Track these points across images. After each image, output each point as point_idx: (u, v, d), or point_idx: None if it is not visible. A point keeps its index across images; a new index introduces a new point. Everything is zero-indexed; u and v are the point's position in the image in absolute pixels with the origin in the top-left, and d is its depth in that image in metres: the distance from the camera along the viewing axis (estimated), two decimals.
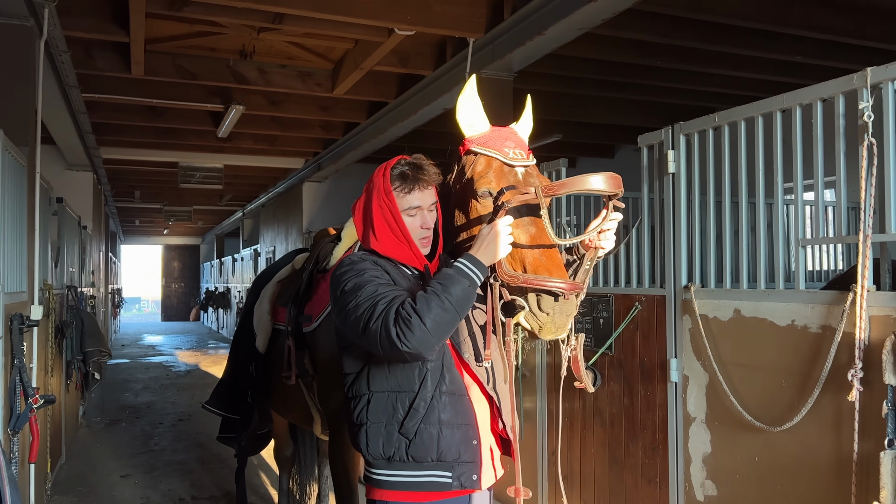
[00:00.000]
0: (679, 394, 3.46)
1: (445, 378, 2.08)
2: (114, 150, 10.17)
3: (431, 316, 1.85)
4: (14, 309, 3.83)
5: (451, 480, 2.07)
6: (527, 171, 2.19)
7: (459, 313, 1.91)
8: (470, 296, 1.93)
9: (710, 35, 5.74)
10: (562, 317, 1.98)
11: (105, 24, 5.48)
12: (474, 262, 1.95)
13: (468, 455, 2.09)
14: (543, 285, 1.97)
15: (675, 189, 3.54)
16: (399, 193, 2.12)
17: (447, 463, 2.06)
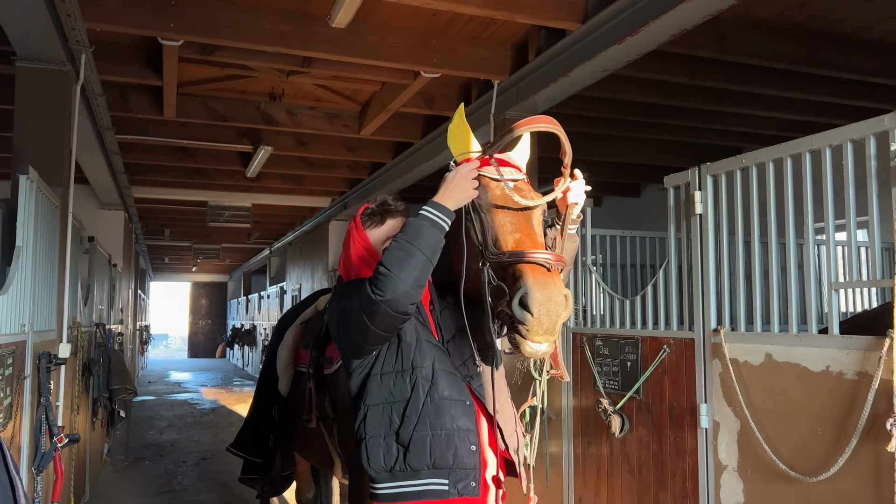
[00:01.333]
0: (710, 440, 3.37)
1: (438, 384, 2.12)
2: (145, 190, 10.38)
3: (395, 262, 1.92)
4: (42, 347, 3.87)
5: (447, 488, 2.06)
6: (516, 184, 2.24)
7: (425, 253, 1.95)
8: (431, 236, 1.97)
9: (735, 75, 5.73)
10: (549, 318, 1.90)
11: (139, 69, 5.64)
12: (435, 206, 2.03)
13: (467, 461, 2.09)
14: (529, 258, 1.99)
15: (702, 230, 3.49)
16: (371, 229, 2.32)
17: (443, 470, 2.06)
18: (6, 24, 4.05)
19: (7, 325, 3.07)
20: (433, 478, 2.07)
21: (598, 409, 4.07)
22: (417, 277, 1.94)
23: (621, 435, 3.94)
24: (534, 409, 4.78)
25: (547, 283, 1.94)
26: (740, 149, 8.49)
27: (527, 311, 1.90)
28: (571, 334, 4.52)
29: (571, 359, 4.51)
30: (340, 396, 2.99)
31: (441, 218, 2.02)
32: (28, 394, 3.53)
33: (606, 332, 4.20)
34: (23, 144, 4.43)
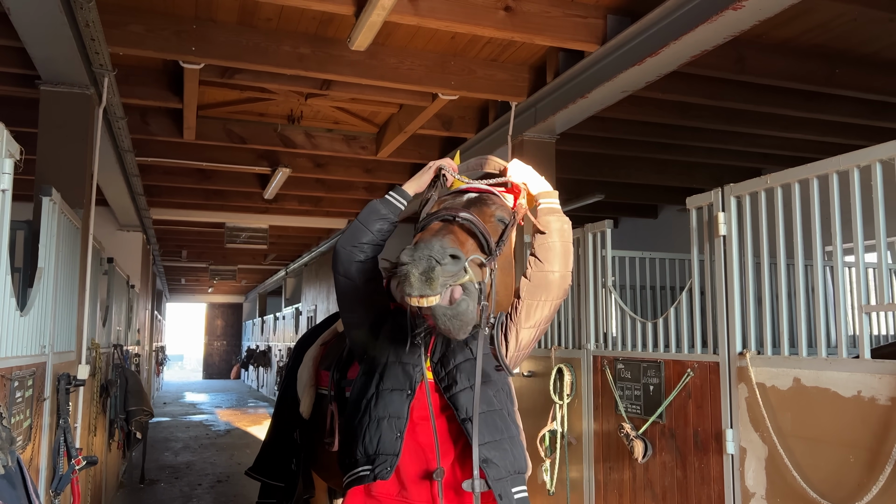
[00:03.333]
0: (736, 467, 3.29)
1: (385, 375, 2.22)
2: (163, 211, 10.45)
3: (343, 236, 2.32)
4: (62, 368, 3.87)
5: (368, 472, 2.14)
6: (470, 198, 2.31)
7: (361, 219, 2.29)
8: (375, 208, 2.30)
9: (755, 96, 5.69)
10: (417, 265, 1.86)
11: (160, 92, 5.70)
12: (397, 188, 2.37)
13: (388, 447, 2.13)
14: (424, 222, 2.18)
15: (726, 251, 3.44)
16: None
17: (370, 456, 2.15)
18: (31, 48, 4.11)
19: (28, 346, 3.07)
20: (364, 464, 2.16)
21: (620, 433, 4.00)
22: (352, 242, 2.28)
23: (644, 460, 3.86)
24: (554, 433, 4.72)
25: (425, 237, 1.97)
26: (759, 170, 8.43)
27: (400, 265, 1.92)
28: (592, 357, 4.46)
29: (592, 382, 4.45)
30: None
31: (396, 198, 2.33)
32: (47, 415, 3.52)
33: (628, 354, 4.14)
34: (45, 167, 4.48)
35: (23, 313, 2.96)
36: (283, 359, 17.01)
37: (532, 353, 5.16)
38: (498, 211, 2.27)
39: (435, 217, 2.17)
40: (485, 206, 2.26)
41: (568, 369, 4.64)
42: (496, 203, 2.30)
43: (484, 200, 2.28)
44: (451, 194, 2.36)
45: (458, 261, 1.91)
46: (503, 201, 2.33)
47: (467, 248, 2.07)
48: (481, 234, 2.13)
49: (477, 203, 2.27)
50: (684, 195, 3.74)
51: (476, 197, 2.30)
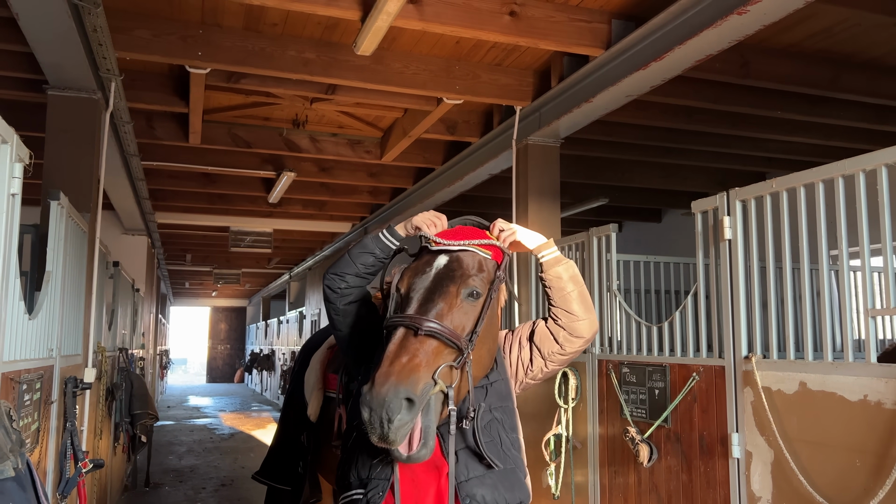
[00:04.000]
0: (742, 471, 3.29)
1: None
2: (168, 216, 10.49)
3: (333, 267, 2.39)
4: (68, 372, 3.89)
5: (362, 496, 2.16)
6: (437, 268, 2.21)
7: (352, 257, 2.35)
8: (365, 244, 2.36)
9: (760, 100, 5.70)
10: (379, 426, 1.88)
11: (166, 96, 5.73)
12: (390, 227, 2.38)
13: (382, 473, 2.14)
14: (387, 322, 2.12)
15: (731, 255, 3.44)
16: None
17: (363, 480, 2.18)
18: (39, 53, 4.14)
19: (36, 349, 3.09)
20: (358, 487, 2.20)
21: (625, 437, 4.00)
22: (336, 271, 2.37)
23: (649, 464, 3.86)
24: (559, 437, 4.72)
25: (379, 379, 1.89)
26: (763, 174, 8.44)
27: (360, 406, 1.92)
28: (597, 361, 4.46)
29: (597, 386, 4.45)
30: None
31: (387, 237, 2.36)
32: (54, 418, 3.54)
33: (633, 358, 4.14)
34: (53, 171, 4.50)
35: (31, 316, 2.97)
36: (286, 362, 17.02)
37: None
38: (471, 281, 2.15)
39: (397, 322, 2.06)
40: (453, 283, 2.14)
41: (573, 373, 4.64)
42: (469, 273, 2.17)
43: (453, 275, 2.16)
44: (425, 258, 2.25)
45: (413, 406, 1.89)
46: (480, 263, 2.21)
47: (432, 364, 1.98)
48: (448, 340, 2.03)
49: (445, 281, 2.15)
50: (688, 199, 3.73)
51: (444, 270, 2.18)
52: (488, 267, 2.22)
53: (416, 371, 1.92)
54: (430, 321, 2.01)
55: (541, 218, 5.63)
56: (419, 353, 1.96)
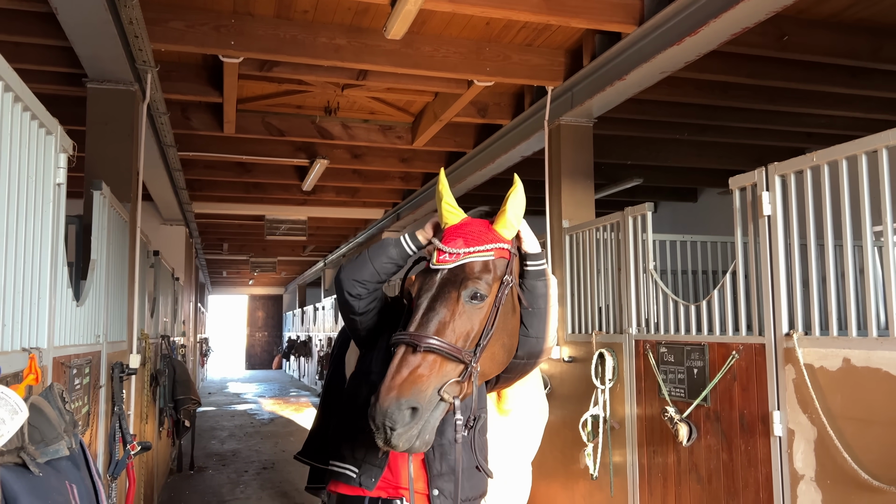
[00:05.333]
0: (784, 449, 3.25)
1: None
2: (205, 205, 10.66)
3: (352, 263, 2.36)
4: (115, 358, 4.00)
5: (355, 475, 2.34)
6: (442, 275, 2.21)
7: (373, 264, 2.32)
8: (386, 244, 2.35)
9: (797, 73, 5.57)
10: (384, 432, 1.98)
11: (200, 87, 5.81)
12: (412, 233, 2.37)
13: (375, 460, 2.32)
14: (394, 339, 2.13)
15: (771, 232, 3.38)
16: None
17: (357, 459, 2.35)
18: (78, 47, 4.23)
19: (84, 335, 3.18)
20: (350, 463, 2.37)
21: (663, 417, 3.98)
22: (355, 277, 2.33)
23: (689, 444, 3.84)
24: (596, 417, 4.71)
25: (382, 392, 1.97)
26: (802, 149, 8.19)
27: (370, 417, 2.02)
28: (634, 341, 4.44)
29: (634, 366, 4.43)
30: None
31: (407, 241, 2.35)
32: (102, 402, 3.65)
33: (671, 338, 4.11)
34: (93, 163, 4.61)
35: (79, 304, 3.06)
36: (323, 348, 17.23)
37: (573, 338, 5.16)
38: (474, 284, 2.15)
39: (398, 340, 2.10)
40: (455, 288, 2.15)
41: (610, 354, 4.63)
42: (472, 276, 2.17)
43: (456, 279, 2.16)
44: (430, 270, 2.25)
45: (416, 414, 1.98)
46: (486, 263, 2.20)
47: (435, 376, 2.04)
48: (449, 354, 2.07)
49: (448, 286, 2.16)
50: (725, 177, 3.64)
51: (448, 275, 2.18)
52: (495, 266, 2.21)
53: (417, 383, 1.99)
54: (430, 339, 2.05)
55: (574, 199, 5.60)
56: (420, 367, 2.03)
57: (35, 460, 1.82)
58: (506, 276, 2.22)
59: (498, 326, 2.19)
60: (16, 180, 2.12)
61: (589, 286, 5.06)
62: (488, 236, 2.24)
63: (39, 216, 2.38)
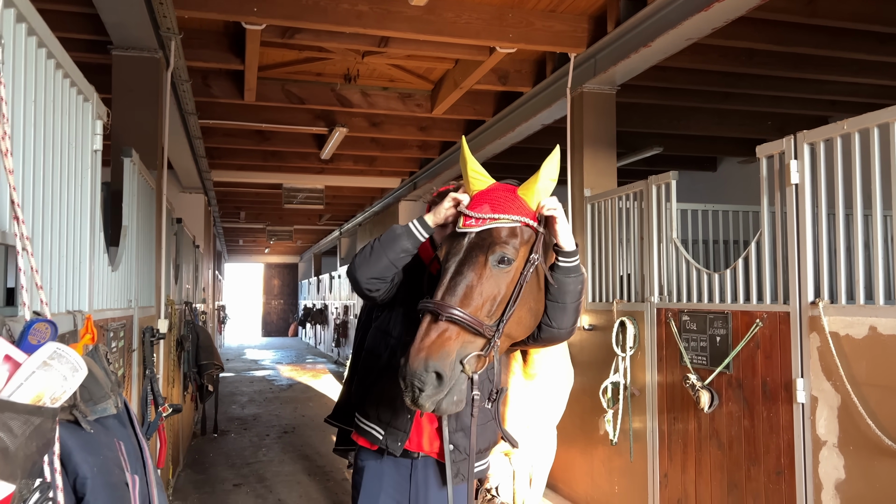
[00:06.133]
0: (807, 415, 3.28)
1: (398, 353, 2.37)
2: (223, 173, 10.72)
3: (363, 257, 2.35)
4: (145, 322, 4.08)
5: (380, 437, 2.47)
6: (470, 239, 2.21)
7: (388, 257, 2.31)
8: (400, 244, 2.31)
9: (826, 40, 5.48)
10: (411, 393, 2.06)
11: (222, 54, 5.81)
12: (420, 220, 2.34)
13: (399, 423, 2.44)
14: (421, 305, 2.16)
15: (798, 201, 3.38)
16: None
17: (382, 423, 2.47)
18: (103, 13, 4.24)
19: (118, 300, 3.25)
20: (376, 424, 2.49)
21: (685, 384, 4.03)
22: (372, 274, 2.34)
23: (710, 410, 3.88)
24: (616, 384, 4.77)
25: (411, 354, 2.04)
26: (825, 118, 8.14)
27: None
28: (655, 309, 4.47)
29: (656, 334, 4.46)
30: None
31: (418, 230, 2.33)
32: (135, 366, 3.73)
33: (694, 306, 4.13)
34: (120, 130, 4.64)
35: (113, 269, 3.12)
36: (339, 316, 17.40)
37: (593, 307, 5.19)
38: (502, 248, 2.15)
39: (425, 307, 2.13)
40: (482, 252, 2.15)
41: (631, 322, 4.66)
42: (499, 240, 2.16)
43: (483, 243, 2.17)
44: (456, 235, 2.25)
45: (442, 381, 2.02)
46: (513, 229, 2.19)
47: (459, 341, 2.08)
48: (470, 327, 2.09)
49: (476, 250, 2.17)
50: (745, 147, 3.68)
51: (476, 239, 2.19)
52: (522, 232, 2.21)
53: (444, 346, 2.05)
54: (454, 310, 2.08)
55: (596, 168, 5.58)
56: (446, 332, 2.08)
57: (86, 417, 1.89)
58: (532, 253, 2.21)
59: (525, 291, 2.21)
60: (59, 147, 2.16)
61: (610, 255, 5.08)
62: (515, 205, 2.23)
63: (79, 183, 2.42)
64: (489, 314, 2.14)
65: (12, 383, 1.35)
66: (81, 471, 1.81)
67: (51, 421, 1.39)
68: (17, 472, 1.28)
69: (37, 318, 1.56)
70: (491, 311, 2.14)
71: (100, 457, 1.90)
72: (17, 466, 1.28)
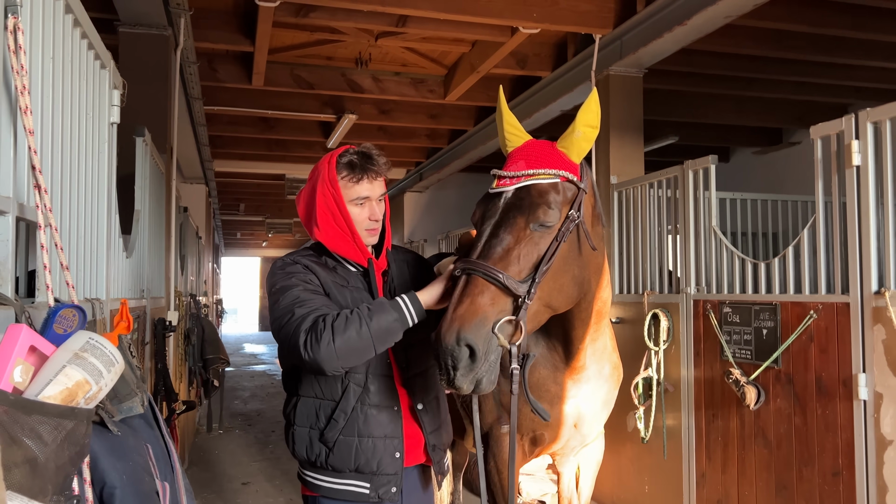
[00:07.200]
0: (870, 413, 3.08)
1: (370, 390, 2.04)
2: (225, 163, 10.45)
3: (344, 337, 1.80)
4: (156, 314, 3.85)
5: (369, 491, 2.05)
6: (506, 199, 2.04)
7: (375, 344, 1.85)
8: (393, 330, 1.87)
9: (862, 21, 5.26)
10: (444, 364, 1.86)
11: (231, 35, 5.56)
12: (413, 300, 1.91)
13: (389, 468, 2.05)
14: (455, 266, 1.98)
15: (860, 183, 3.16)
16: (346, 183, 2.04)
17: (365, 474, 2.04)
18: None
19: (132, 289, 3.02)
20: (356, 480, 2.05)
21: (728, 379, 3.81)
22: (354, 359, 1.87)
23: (756, 407, 3.68)
24: (648, 380, 4.56)
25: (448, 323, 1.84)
26: (845, 106, 7.94)
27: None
28: (692, 301, 4.25)
29: (692, 327, 4.25)
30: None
31: (410, 313, 1.90)
32: (148, 359, 3.50)
33: (737, 297, 3.91)
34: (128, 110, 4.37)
35: (128, 255, 2.89)
36: None
37: (621, 298, 4.97)
38: (541, 209, 1.98)
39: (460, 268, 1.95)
40: (521, 213, 1.99)
41: (664, 315, 4.45)
42: (539, 200, 1.99)
43: (522, 203, 2.00)
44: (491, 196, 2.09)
45: (475, 357, 1.84)
46: (555, 185, 2.02)
47: (493, 309, 1.89)
48: (502, 285, 1.90)
49: (514, 211, 2.00)
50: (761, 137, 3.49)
51: (513, 199, 2.02)
52: (564, 189, 2.03)
53: (478, 314, 1.84)
54: (490, 269, 1.90)
55: (622, 154, 5.37)
56: (481, 297, 1.88)
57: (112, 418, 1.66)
58: (573, 209, 2.03)
59: (567, 257, 2.04)
60: (76, 116, 1.93)
61: (641, 245, 4.86)
62: (553, 158, 2.06)
63: (96, 157, 2.19)
64: (529, 275, 1.96)
65: (39, 380, 1.13)
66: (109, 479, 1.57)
67: (85, 425, 1.16)
68: (47, 487, 1.06)
69: (62, 304, 1.33)
70: (531, 275, 1.96)
71: (129, 462, 1.67)
72: (47, 481, 1.05)
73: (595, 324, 2.51)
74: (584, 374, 2.69)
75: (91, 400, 1.19)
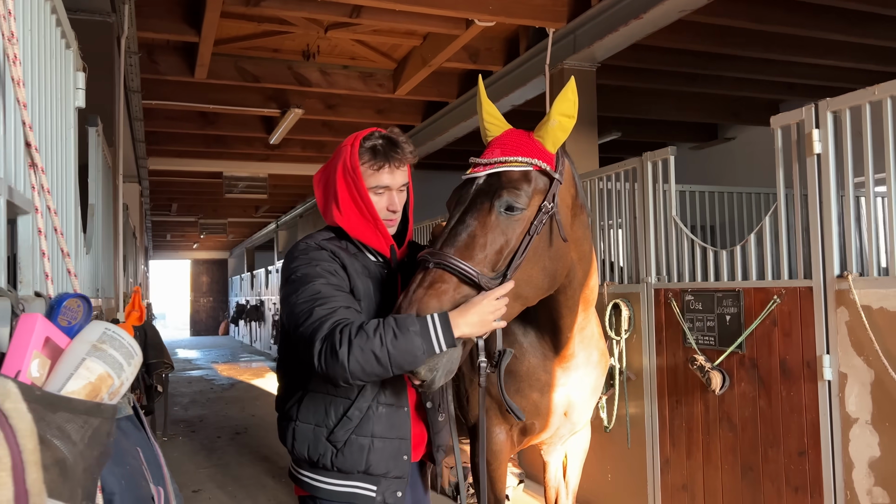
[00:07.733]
0: (835, 393, 3.18)
1: (386, 388, 1.95)
2: (160, 161, 10.06)
3: (362, 357, 1.67)
4: (108, 315, 3.64)
5: (375, 495, 1.94)
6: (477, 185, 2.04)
7: (392, 370, 1.71)
8: (416, 358, 1.70)
9: (801, 19, 5.46)
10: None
11: (175, 24, 5.34)
12: (445, 326, 1.73)
13: (397, 470, 1.96)
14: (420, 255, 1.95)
15: (821, 171, 3.27)
16: (367, 169, 1.95)
17: (374, 477, 1.93)
18: None
19: (89, 288, 2.84)
20: (363, 482, 1.94)
21: (692, 366, 3.89)
22: (367, 379, 1.75)
23: (721, 392, 3.76)
24: (610, 369, 4.60)
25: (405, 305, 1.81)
26: (779, 103, 8.27)
27: None
28: (653, 291, 4.32)
29: (654, 316, 4.32)
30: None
31: (439, 341, 1.72)
32: None
33: (699, 285, 3.99)
34: None
35: (87, 251, 2.72)
36: (277, 312, 16.77)
37: None
38: (509, 194, 1.96)
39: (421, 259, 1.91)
40: (488, 198, 1.97)
41: (625, 304, 4.50)
42: (507, 186, 1.97)
43: (490, 189, 1.99)
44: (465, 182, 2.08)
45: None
46: (526, 174, 2.01)
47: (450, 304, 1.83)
48: (467, 277, 1.86)
49: (482, 197, 1.99)
50: (698, 132, 3.61)
51: (483, 185, 2.01)
52: (536, 178, 2.02)
53: (437, 297, 1.80)
54: (450, 258, 1.85)
55: (578, 148, 5.42)
56: (440, 284, 1.83)
57: None
58: (546, 201, 2.01)
59: (538, 248, 2.01)
60: (47, 98, 1.78)
61: (599, 238, 4.91)
62: (527, 147, 2.06)
63: (63, 143, 2.03)
64: (495, 267, 1.92)
65: (59, 374, 1.02)
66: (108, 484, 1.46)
67: (109, 422, 1.05)
68: (77, 491, 0.95)
69: (66, 294, 1.21)
70: (497, 265, 1.92)
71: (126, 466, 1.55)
72: (76, 484, 0.95)
73: (583, 311, 2.51)
74: (573, 361, 2.68)
75: (114, 395, 1.09)
